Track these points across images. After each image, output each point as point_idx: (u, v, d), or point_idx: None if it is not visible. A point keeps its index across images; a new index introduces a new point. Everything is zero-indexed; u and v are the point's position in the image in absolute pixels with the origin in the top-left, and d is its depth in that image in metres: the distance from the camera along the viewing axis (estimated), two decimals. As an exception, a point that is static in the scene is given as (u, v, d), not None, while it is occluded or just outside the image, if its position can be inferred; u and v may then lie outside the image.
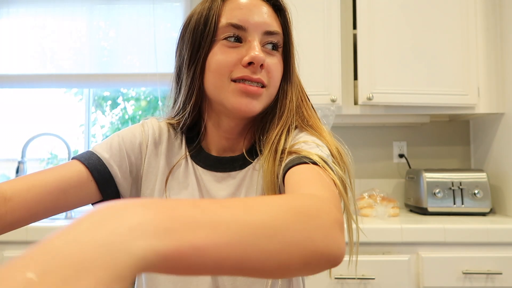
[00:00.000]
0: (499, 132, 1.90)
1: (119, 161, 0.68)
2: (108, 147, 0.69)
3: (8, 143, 2.36)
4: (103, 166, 0.66)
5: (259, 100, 0.64)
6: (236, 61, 0.63)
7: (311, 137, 0.65)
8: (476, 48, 1.83)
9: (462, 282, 1.46)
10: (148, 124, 0.74)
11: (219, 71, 0.64)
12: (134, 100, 2.61)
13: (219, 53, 0.64)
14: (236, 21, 0.64)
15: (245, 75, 0.62)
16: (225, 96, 0.64)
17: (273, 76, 0.66)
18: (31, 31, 2.23)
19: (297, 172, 0.55)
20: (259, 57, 0.62)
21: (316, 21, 1.83)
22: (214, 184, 0.70)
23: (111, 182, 0.67)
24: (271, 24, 0.66)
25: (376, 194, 1.83)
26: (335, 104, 1.78)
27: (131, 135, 0.72)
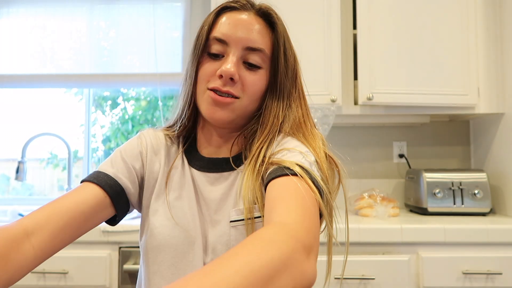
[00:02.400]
0: (499, 132, 1.90)
1: (126, 172, 0.73)
2: (112, 163, 0.73)
3: (8, 143, 2.36)
4: (113, 181, 0.70)
5: (227, 110, 0.68)
6: (213, 72, 0.69)
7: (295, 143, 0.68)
8: (476, 48, 1.83)
9: (462, 282, 1.46)
10: (145, 134, 0.79)
11: (200, 82, 0.70)
12: (134, 100, 2.61)
13: (203, 65, 0.70)
14: (219, 35, 0.69)
15: (215, 86, 0.68)
16: (201, 103, 0.71)
17: (247, 90, 0.69)
18: (31, 31, 2.23)
19: (275, 187, 0.58)
20: (228, 71, 0.66)
21: (316, 21, 1.83)
22: (207, 186, 0.73)
23: (122, 194, 0.71)
24: (254, 40, 0.69)
25: (376, 194, 1.83)
26: (335, 104, 1.78)
27: (131, 147, 0.77)
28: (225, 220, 0.69)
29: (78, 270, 1.53)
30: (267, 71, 0.72)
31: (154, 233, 0.71)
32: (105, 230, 1.54)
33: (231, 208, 0.70)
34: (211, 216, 0.71)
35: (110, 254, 1.55)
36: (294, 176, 0.58)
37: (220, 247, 0.68)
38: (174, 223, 0.70)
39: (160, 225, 0.71)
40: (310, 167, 0.61)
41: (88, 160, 2.33)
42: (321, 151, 0.68)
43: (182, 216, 0.71)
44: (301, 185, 0.57)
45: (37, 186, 2.47)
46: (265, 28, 0.71)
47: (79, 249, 1.55)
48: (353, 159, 2.15)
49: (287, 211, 0.52)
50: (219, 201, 0.71)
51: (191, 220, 0.70)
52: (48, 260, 1.66)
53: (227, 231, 0.68)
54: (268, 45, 0.71)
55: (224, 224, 0.69)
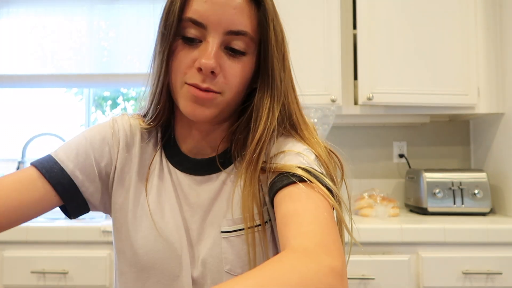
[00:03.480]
0: (499, 132, 1.90)
1: (86, 169, 0.63)
2: (73, 154, 0.63)
3: (8, 143, 2.36)
4: (67, 179, 0.61)
5: (209, 106, 0.59)
6: (190, 63, 0.58)
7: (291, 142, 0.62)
8: (476, 48, 1.83)
9: (462, 282, 1.46)
10: (118, 123, 0.68)
11: (175, 72, 0.60)
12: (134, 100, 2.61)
13: (178, 53, 0.59)
14: (196, 16, 0.57)
15: (194, 82, 0.58)
16: (179, 98, 0.60)
17: (230, 82, 0.59)
18: (31, 31, 2.23)
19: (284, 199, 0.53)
20: (207, 65, 0.56)
21: (316, 21, 1.83)
22: (193, 188, 0.65)
23: (77, 193, 0.63)
24: (237, 22, 0.57)
25: (376, 194, 1.83)
26: (335, 104, 1.78)
27: (100, 138, 0.66)
28: (214, 229, 0.63)
29: (78, 270, 1.53)
30: (253, 56, 0.61)
31: (135, 247, 0.63)
32: (105, 230, 1.54)
33: (220, 214, 0.63)
34: (197, 224, 0.64)
35: (110, 254, 1.55)
36: (302, 183, 0.53)
37: (211, 260, 0.62)
38: (157, 234, 0.62)
39: (142, 238, 0.63)
40: (312, 168, 0.56)
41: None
42: (320, 145, 0.62)
43: (164, 225, 0.63)
44: (311, 193, 0.52)
45: (37, 186, 2.47)
46: (250, 5, 0.59)
47: (79, 249, 1.55)
48: (353, 159, 2.15)
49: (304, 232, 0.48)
50: (206, 207, 0.64)
51: (174, 229, 0.63)
52: (48, 260, 1.66)
53: (218, 243, 0.62)
54: (254, 25, 0.59)
55: (213, 234, 0.62)
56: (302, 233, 0.47)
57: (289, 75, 0.65)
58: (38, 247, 1.56)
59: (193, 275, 0.63)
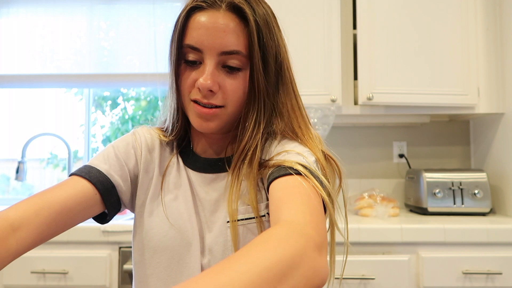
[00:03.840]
0: (499, 132, 1.90)
1: (119, 170, 0.71)
2: (105, 158, 0.71)
3: (8, 143, 2.36)
4: (105, 177, 0.68)
5: (213, 120, 0.66)
6: (192, 83, 0.66)
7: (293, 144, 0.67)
8: (476, 48, 1.83)
9: (462, 282, 1.46)
10: (139, 132, 0.77)
11: (183, 92, 0.68)
12: (134, 100, 2.61)
13: (182, 75, 0.67)
14: (192, 42, 0.65)
15: (197, 98, 0.65)
16: (188, 113, 0.69)
17: (229, 97, 0.66)
18: (31, 31, 2.23)
19: (279, 186, 0.58)
20: (204, 85, 0.63)
21: (316, 21, 1.83)
22: (203, 186, 0.72)
23: (113, 192, 0.69)
24: (229, 44, 0.63)
25: (376, 194, 1.83)
26: (335, 104, 1.78)
27: (125, 144, 0.74)
28: (221, 221, 0.69)
29: (78, 270, 1.53)
30: (247, 71, 0.67)
31: (150, 235, 0.70)
32: (105, 230, 1.54)
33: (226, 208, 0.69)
34: (207, 217, 0.70)
35: (110, 254, 1.55)
36: (298, 175, 0.58)
37: (217, 247, 0.67)
38: (170, 224, 0.69)
39: (156, 226, 0.70)
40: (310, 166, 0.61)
41: (88, 160, 2.32)
42: (319, 151, 0.67)
43: (179, 217, 0.69)
44: (305, 184, 0.56)
45: (37, 186, 2.47)
46: (240, 24, 0.64)
47: (79, 249, 1.55)
48: (353, 159, 2.15)
49: (294, 210, 0.52)
50: (215, 202, 0.70)
51: (187, 221, 0.69)
52: (48, 260, 1.66)
53: (224, 232, 0.67)
54: (245, 43, 0.64)
55: (220, 225, 0.68)
56: (293, 211, 0.52)
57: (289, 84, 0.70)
58: (38, 247, 1.56)
59: (202, 262, 0.68)
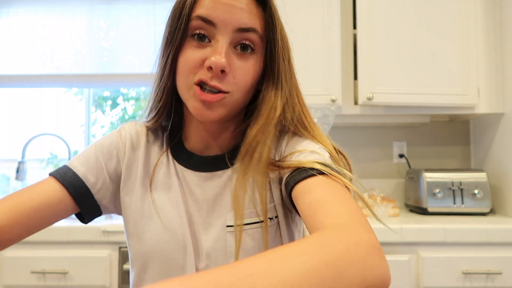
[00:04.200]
0: (499, 132, 1.90)
1: (96, 172, 0.67)
2: (85, 160, 0.68)
3: (8, 143, 2.36)
4: (79, 181, 0.65)
5: (217, 107, 0.60)
6: (200, 62, 0.59)
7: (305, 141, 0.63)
8: (476, 48, 1.83)
9: (462, 282, 1.46)
10: (125, 129, 0.72)
11: (184, 72, 0.60)
12: (134, 100, 2.61)
13: (187, 51, 0.60)
14: (205, 14, 0.58)
15: (202, 78, 0.58)
16: (187, 99, 0.61)
17: (239, 81, 0.60)
18: (31, 31, 2.23)
19: (306, 190, 0.53)
20: (218, 63, 0.56)
21: (316, 21, 1.83)
22: (198, 185, 0.67)
23: (88, 195, 0.66)
24: (246, 21, 0.59)
25: (376, 194, 1.83)
26: (335, 104, 1.78)
27: (108, 143, 0.70)
28: (219, 223, 0.64)
29: (78, 270, 1.53)
30: (261, 56, 0.63)
31: (141, 239, 0.66)
32: (105, 230, 1.54)
33: (225, 209, 0.64)
34: (203, 218, 0.65)
35: (110, 254, 1.55)
36: (321, 175, 0.53)
37: (216, 253, 0.63)
38: (162, 227, 0.64)
39: (147, 230, 0.66)
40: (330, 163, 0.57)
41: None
42: (330, 145, 0.63)
43: (170, 219, 0.65)
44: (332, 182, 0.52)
45: (37, 186, 2.47)
46: (255, 6, 0.60)
47: (79, 249, 1.55)
48: (353, 159, 2.13)
49: (335, 212, 0.47)
50: (212, 202, 0.65)
51: (179, 223, 0.65)
52: (48, 260, 1.66)
53: (223, 236, 0.63)
54: (262, 25, 0.61)
55: (218, 228, 0.64)
56: (334, 215, 0.47)
57: (294, 76, 0.66)
58: (38, 247, 1.56)
59: (198, 267, 0.64)
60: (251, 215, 0.62)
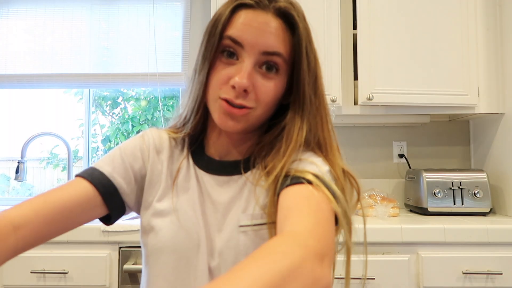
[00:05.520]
0: (499, 132, 1.90)
1: (123, 172, 0.70)
2: (110, 160, 0.70)
3: (8, 143, 2.36)
4: (107, 180, 0.68)
5: (240, 120, 0.65)
6: (225, 79, 0.64)
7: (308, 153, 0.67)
8: (476, 48, 1.83)
9: (462, 282, 1.46)
10: (148, 134, 0.76)
11: (213, 86, 0.65)
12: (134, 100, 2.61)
13: (217, 67, 0.65)
14: (235, 35, 0.63)
15: (228, 97, 0.63)
16: (213, 110, 0.67)
17: (261, 99, 0.65)
18: (31, 31, 2.23)
19: (288, 195, 0.57)
20: (241, 84, 0.62)
21: (316, 21, 1.82)
22: (215, 188, 0.70)
23: (116, 194, 0.69)
24: (272, 45, 0.63)
25: (376, 194, 1.83)
26: (335, 104, 1.79)
27: (132, 146, 0.73)
28: (233, 224, 0.67)
29: (78, 270, 1.53)
30: (285, 76, 0.67)
31: (158, 235, 0.69)
32: (105, 230, 1.54)
33: (239, 212, 0.68)
34: (218, 219, 0.69)
35: (110, 254, 1.55)
36: (309, 184, 0.57)
37: (228, 251, 0.66)
38: (178, 225, 0.68)
39: (165, 227, 0.68)
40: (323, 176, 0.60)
41: (88, 160, 2.33)
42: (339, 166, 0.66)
43: (187, 218, 0.68)
44: (316, 193, 0.56)
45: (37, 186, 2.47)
46: (284, 30, 0.65)
47: (79, 249, 1.55)
48: (353, 159, 2.15)
49: (299, 220, 0.51)
50: (227, 204, 0.69)
51: (195, 222, 0.68)
52: (48, 260, 1.66)
53: (236, 236, 0.66)
54: (287, 48, 0.65)
55: (232, 229, 0.67)
56: (297, 222, 0.51)
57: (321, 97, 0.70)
58: (38, 247, 1.55)
59: (210, 265, 0.67)
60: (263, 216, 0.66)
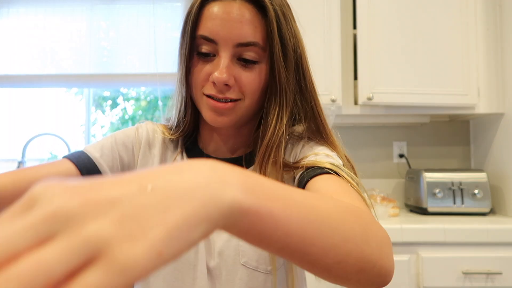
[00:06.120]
0: (499, 132, 1.90)
1: (110, 161, 0.69)
2: (99, 147, 0.69)
3: (8, 143, 2.36)
4: (93, 165, 0.66)
5: (229, 114, 0.63)
6: (205, 77, 0.63)
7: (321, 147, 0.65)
8: (476, 48, 1.83)
9: (462, 282, 1.46)
10: (142, 127, 0.75)
11: (195, 86, 0.65)
12: (134, 100, 2.61)
13: (195, 68, 0.64)
14: (206, 33, 0.62)
15: (211, 93, 0.62)
16: (201, 108, 0.66)
17: (246, 90, 0.63)
18: (31, 31, 2.23)
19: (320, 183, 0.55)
20: (220, 79, 0.60)
21: (316, 21, 1.83)
22: None
23: None
24: (246, 35, 0.61)
25: (376, 194, 1.83)
26: (335, 104, 1.78)
27: (125, 136, 0.72)
28: None
29: (78, 270, 1.53)
30: (265, 64, 0.64)
31: None
32: (105, 230, 1.54)
33: None
34: None
35: (110, 254, 1.55)
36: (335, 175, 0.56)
37: (228, 252, 0.64)
38: None
39: None
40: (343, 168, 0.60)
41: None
42: (343, 155, 0.66)
43: None
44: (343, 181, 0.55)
45: (37, 186, 2.47)
46: (257, 15, 0.62)
47: (79, 249, 1.55)
48: (353, 159, 2.14)
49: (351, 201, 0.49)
50: None
51: None
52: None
53: None
54: (263, 34, 0.62)
55: None
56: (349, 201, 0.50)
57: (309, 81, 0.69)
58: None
59: (209, 265, 0.65)
60: None
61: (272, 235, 0.29)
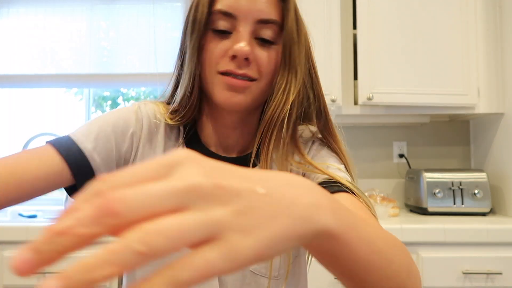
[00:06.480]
0: (499, 132, 1.90)
1: (104, 153, 0.61)
2: (94, 136, 0.61)
3: (8, 143, 2.36)
4: (84, 161, 0.59)
5: (245, 93, 0.60)
6: (222, 53, 0.59)
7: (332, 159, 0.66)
8: (476, 48, 1.83)
9: (462, 282, 1.46)
10: (143, 111, 0.67)
11: (208, 64, 0.61)
12: (134, 100, 2.61)
13: (209, 45, 0.60)
14: (225, 7, 0.58)
15: (229, 69, 0.58)
16: (212, 89, 0.61)
17: (263, 70, 0.60)
18: (31, 31, 2.23)
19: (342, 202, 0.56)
20: (242, 50, 0.57)
21: (316, 21, 1.82)
22: None
23: (90, 174, 0.60)
24: (266, 11, 0.59)
25: (376, 194, 1.83)
26: (335, 104, 1.78)
27: (123, 124, 0.64)
28: None
29: (78, 270, 1.53)
30: (280, 45, 0.62)
31: None
32: (105, 230, 1.54)
33: None
34: None
35: (110, 254, 1.55)
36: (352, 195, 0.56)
37: None
38: None
39: None
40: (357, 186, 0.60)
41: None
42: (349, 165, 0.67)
43: None
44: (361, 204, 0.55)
45: (37, 186, 2.47)
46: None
47: (79, 249, 1.55)
48: (353, 159, 2.14)
49: None
50: None
51: None
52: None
53: None
54: (281, 16, 0.61)
55: None
56: None
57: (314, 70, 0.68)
58: (38, 247, 1.55)
59: None
60: None
61: (343, 260, 0.31)
